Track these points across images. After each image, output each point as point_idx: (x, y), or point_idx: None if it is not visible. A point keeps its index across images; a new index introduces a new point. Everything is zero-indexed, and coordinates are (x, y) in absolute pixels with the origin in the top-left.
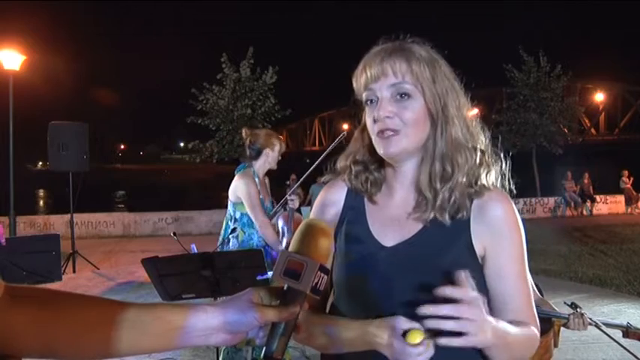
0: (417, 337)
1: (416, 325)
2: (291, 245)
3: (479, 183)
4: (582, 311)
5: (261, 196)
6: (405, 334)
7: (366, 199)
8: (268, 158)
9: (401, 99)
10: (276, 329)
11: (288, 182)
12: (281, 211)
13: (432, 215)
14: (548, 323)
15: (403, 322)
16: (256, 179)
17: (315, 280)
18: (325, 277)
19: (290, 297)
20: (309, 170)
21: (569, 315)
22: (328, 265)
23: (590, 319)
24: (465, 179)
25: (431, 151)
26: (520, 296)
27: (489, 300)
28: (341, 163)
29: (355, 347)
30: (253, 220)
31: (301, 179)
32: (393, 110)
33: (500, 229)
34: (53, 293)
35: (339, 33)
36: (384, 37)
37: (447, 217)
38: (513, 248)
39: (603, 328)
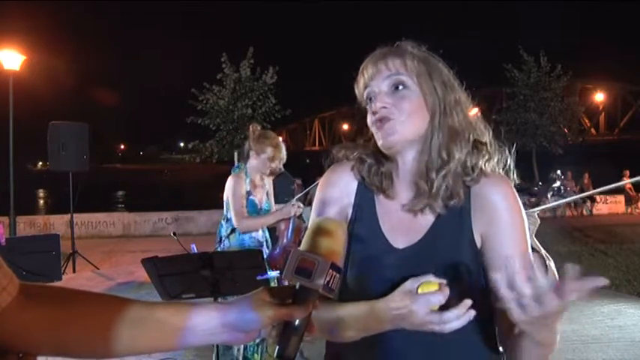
0: (432, 286)
1: (425, 278)
2: (302, 244)
3: (476, 170)
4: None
5: (251, 197)
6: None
7: (375, 196)
8: (256, 161)
9: (397, 90)
10: (288, 328)
11: (293, 187)
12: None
13: (428, 205)
14: None
15: (414, 282)
16: (247, 180)
17: (327, 278)
18: (338, 275)
19: (302, 295)
20: (312, 186)
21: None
22: (340, 264)
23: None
24: (459, 168)
25: (429, 143)
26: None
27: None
28: (340, 152)
29: (361, 327)
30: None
31: (307, 189)
32: (389, 102)
33: (499, 213)
34: (65, 292)
35: (340, 33)
36: (381, 45)
37: (440, 203)
38: (515, 232)
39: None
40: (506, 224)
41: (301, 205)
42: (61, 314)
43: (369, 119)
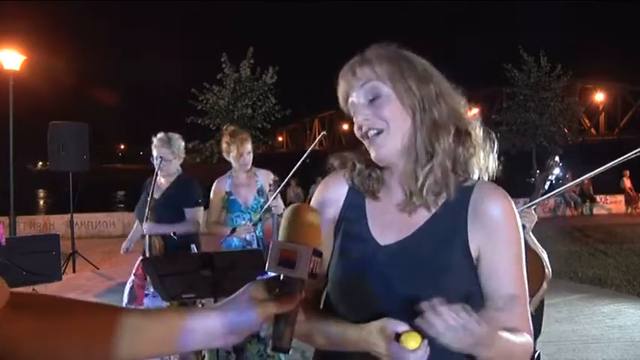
0: (413, 341)
1: (410, 327)
2: (280, 234)
3: (470, 168)
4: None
5: (233, 197)
6: (399, 337)
7: (367, 198)
8: (232, 161)
9: (373, 101)
10: (280, 321)
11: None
12: (266, 217)
13: (419, 203)
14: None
15: (397, 325)
16: (229, 180)
17: (311, 265)
18: (319, 260)
19: (288, 286)
20: (290, 174)
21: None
22: (321, 248)
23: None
24: (448, 162)
25: (414, 143)
26: (516, 298)
27: (485, 300)
28: (336, 161)
29: (355, 349)
30: None
31: (281, 185)
32: (369, 113)
33: (497, 229)
34: (54, 301)
35: (339, 33)
36: (352, 56)
37: (430, 198)
38: (510, 249)
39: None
40: (504, 242)
41: (280, 201)
42: (52, 324)
43: (356, 132)
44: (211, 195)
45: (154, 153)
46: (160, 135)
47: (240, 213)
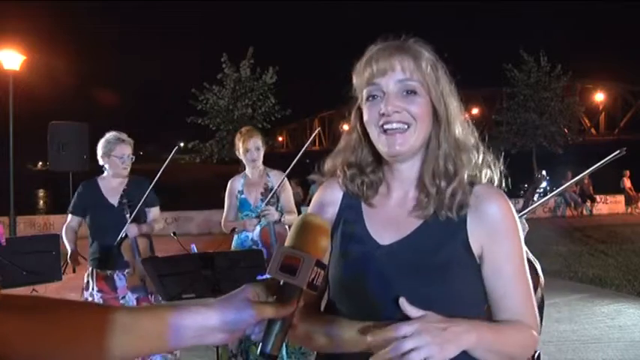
0: None
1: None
2: (287, 240)
3: (477, 180)
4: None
5: (243, 196)
6: None
7: (362, 201)
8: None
9: (407, 95)
10: (272, 326)
11: (261, 192)
12: (260, 223)
13: (432, 212)
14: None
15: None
16: (242, 180)
17: (312, 276)
18: (322, 272)
19: (286, 293)
20: (284, 175)
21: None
22: (325, 261)
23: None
24: (467, 178)
25: (434, 151)
26: (518, 295)
27: (488, 299)
28: (329, 163)
29: (356, 349)
30: None
31: (275, 188)
32: (401, 105)
33: (496, 227)
34: (45, 301)
35: (339, 33)
36: (382, 36)
37: (447, 214)
38: (510, 246)
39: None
40: (503, 239)
41: (273, 207)
42: (42, 325)
43: (370, 117)
44: (226, 194)
45: (124, 151)
46: (119, 134)
47: (250, 212)
